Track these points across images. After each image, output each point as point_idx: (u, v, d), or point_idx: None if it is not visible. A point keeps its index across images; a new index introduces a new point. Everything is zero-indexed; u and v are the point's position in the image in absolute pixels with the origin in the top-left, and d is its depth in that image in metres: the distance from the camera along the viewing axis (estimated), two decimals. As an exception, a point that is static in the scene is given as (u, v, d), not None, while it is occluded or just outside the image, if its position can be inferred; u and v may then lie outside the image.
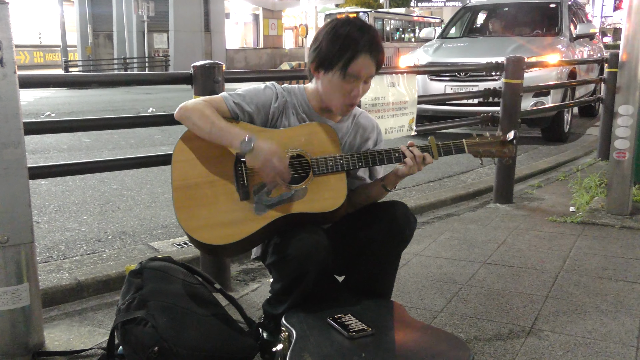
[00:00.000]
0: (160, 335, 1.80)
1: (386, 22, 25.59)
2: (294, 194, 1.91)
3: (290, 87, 2.11)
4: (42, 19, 32.04)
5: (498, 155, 2.06)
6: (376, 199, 2.09)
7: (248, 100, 2.01)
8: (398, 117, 3.65)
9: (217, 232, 1.89)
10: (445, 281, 2.86)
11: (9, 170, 1.96)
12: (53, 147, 6.91)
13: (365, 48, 1.89)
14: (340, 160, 1.95)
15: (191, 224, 1.91)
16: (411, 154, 1.95)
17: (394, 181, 2.01)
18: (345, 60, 1.89)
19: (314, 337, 1.77)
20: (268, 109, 2.03)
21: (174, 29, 24.70)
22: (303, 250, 1.84)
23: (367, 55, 1.90)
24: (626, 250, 3.30)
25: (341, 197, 1.92)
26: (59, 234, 3.80)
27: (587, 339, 2.27)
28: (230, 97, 2.01)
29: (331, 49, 1.91)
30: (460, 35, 8.88)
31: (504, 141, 2.06)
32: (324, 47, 1.92)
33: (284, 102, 2.05)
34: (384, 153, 1.99)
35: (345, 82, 1.93)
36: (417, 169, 1.96)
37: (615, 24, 38.79)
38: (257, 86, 2.08)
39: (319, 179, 1.94)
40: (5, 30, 1.88)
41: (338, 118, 2.11)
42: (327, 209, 1.91)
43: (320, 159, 1.95)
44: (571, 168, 5.64)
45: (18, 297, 2.04)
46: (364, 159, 1.98)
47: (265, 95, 2.04)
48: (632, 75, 3.80)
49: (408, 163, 1.94)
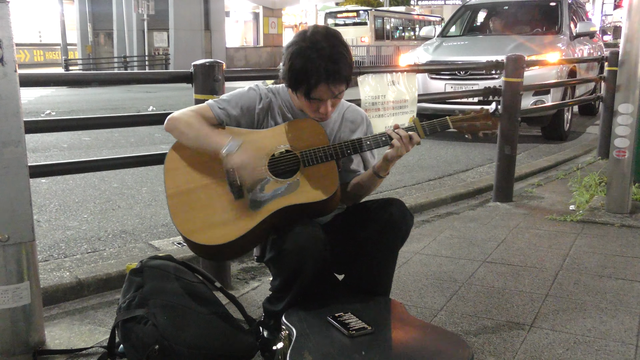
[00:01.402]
0: (161, 334, 1.81)
1: (386, 20, 25.59)
2: (287, 187, 1.93)
3: (275, 87, 2.14)
4: (42, 18, 32.01)
5: (482, 129, 2.08)
6: (371, 187, 2.10)
7: (233, 104, 2.06)
8: (398, 116, 3.65)
9: (214, 233, 1.90)
10: (445, 279, 2.86)
11: (10, 169, 1.96)
12: (53, 146, 6.91)
13: (322, 78, 1.89)
14: (329, 150, 1.97)
15: (188, 227, 1.93)
16: (397, 135, 1.96)
17: (385, 166, 2.02)
18: (305, 90, 1.93)
19: (314, 336, 1.78)
20: (253, 110, 2.07)
21: (174, 28, 24.69)
22: (299, 243, 1.85)
23: (325, 85, 1.90)
24: (626, 248, 3.31)
25: (333, 185, 1.93)
26: (59, 232, 3.80)
27: (587, 337, 2.28)
28: (216, 103, 2.06)
29: (291, 77, 1.94)
30: (461, 33, 8.88)
31: (486, 114, 2.07)
32: (287, 71, 1.95)
33: (268, 103, 2.09)
34: (370, 138, 2.01)
35: (312, 103, 1.97)
36: (405, 150, 1.97)
37: (615, 22, 38.76)
38: (241, 89, 2.11)
39: (310, 170, 1.96)
40: (6, 29, 1.88)
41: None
42: (320, 198, 1.92)
43: (309, 151, 1.97)
44: (571, 167, 5.65)
45: (19, 296, 2.04)
46: (351, 145, 1.99)
47: (249, 97, 2.08)
48: (632, 74, 3.81)
49: (395, 144, 1.95)
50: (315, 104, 1.97)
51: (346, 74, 1.93)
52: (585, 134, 7.96)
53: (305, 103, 1.98)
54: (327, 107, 1.98)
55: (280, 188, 1.93)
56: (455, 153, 6.74)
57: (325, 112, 1.99)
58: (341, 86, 1.95)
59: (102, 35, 27.95)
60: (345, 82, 1.96)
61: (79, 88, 15.97)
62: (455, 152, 6.79)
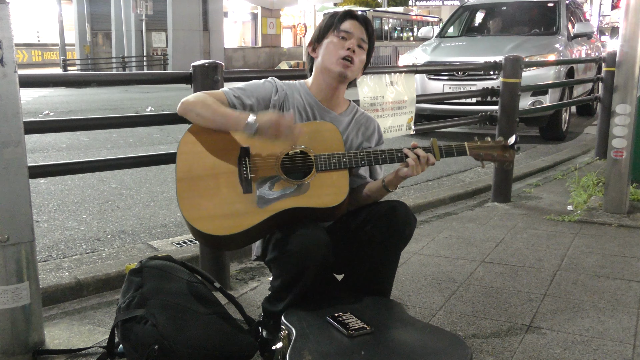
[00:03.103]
0: (161, 334, 1.81)
1: (384, 21, 25.60)
2: (296, 189, 1.93)
3: (290, 82, 2.20)
4: (40, 18, 31.97)
5: (499, 160, 2.08)
6: (377, 198, 2.11)
7: (249, 93, 2.08)
8: (397, 117, 3.66)
9: (218, 223, 1.90)
10: (443, 280, 2.87)
11: (9, 169, 1.96)
12: (52, 146, 6.91)
13: (349, 14, 2.12)
14: (343, 158, 1.98)
15: (193, 214, 1.92)
16: (415, 155, 1.97)
17: (395, 182, 2.03)
18: (336, 23, 2.10)
19: (314, 336, 1.78)
20: (268, 101, 2.09)
21: (173, 28, 24.69)
22: (303, 246, 1.85)
23: (354, 20, 2.10)
24: (623, 248, 3.32)
25: (343, 194, 1.94)
26: (58, 233, 3.80)
27: (585, 336, 2.29)
28: (231, 91, 2.07)
29: (321, 27, 2.15)
30: (459, 34, 8.89)
31: (505, 146, 2.07)
32: (318, 26, 2.17)
33: (284, 95, 2.11)
34: (386, 153, 2.01)
35: (340, 39, 2.08)
36: (420, 170, 1.98)
37: (613, 22, 38.79)
38: (257, 80, 2.15)
39: (322, 175, 1.96)
40: (6, 30, 1.89)
41: (339, 109, 2.18)
42: (328, 205, 1.92)
43: (323, 156, 1.97)
44: (569, 167, 5.66)
45: (18, 296, 2.05)
46: (366, 157, 2.00)
47: (265, 89, 2.11)
48: (629, 74, 3.82)
49: (411, 164, 1.96)
50: (343, 41, 2.07)
51: (369, 26, 2.14)
52: (583, 135, 7.98)
53: (333, 42, 2.07)
54: (354, 43, 2.07)
55: (289, 188, 1.93)
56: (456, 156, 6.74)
57: (352, 47, 2.07)
58: (365, 33, 2.10)
59: (101, 35, 27.92)
60: (368, 31, 2.12)
61: (77, 88, 15.96)
62: (454, 153, 6.78)
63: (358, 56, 2.08)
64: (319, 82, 2.14)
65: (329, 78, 2.10)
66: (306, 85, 2.17)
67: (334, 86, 2.12)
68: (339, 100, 2.18)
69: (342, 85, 2.14)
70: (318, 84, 2.14)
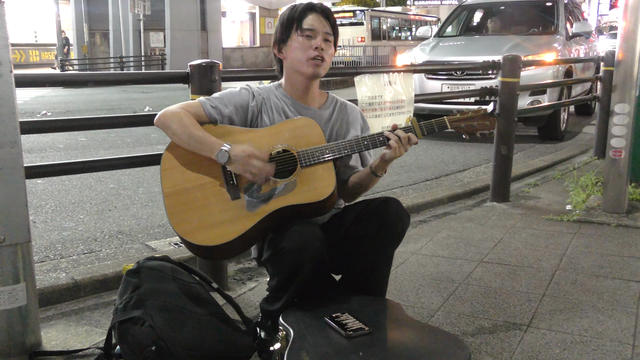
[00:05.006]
0: (158, 335, 1.80)
1: (382, 20, 25.58)
2: (283, 188, 1.93)
3: (264, 85, 2.18)
4: (37, 18, 31.92)
5: (480, 129, 2.08)
6: (368, 185, 2.11)
7: (225, 101, 2.06)
8: (395, 116, 3.65)
9: (210, 233, 1.90)
10: (442, 280, 2.86)
11: (6, 169, 1.95)
12: (49, 147, 6.89)
13: (308, 8, 2.05)
14: (326, 150, 1.97)
15: (184, 227, 1.92)
16: (395, 136, 1.97)
17: (382, 166, 2.02)
18: (297, 21, 2.04)
19: (312, 336, 1.77)
20: (246, 107, 2.08)
21: (170, 28, 24.64)
22: (297, 242, 1.85)
23: (313, 12, 2.04)
24: (622, 248, 3.31)
25: (330, 186, 1.94)
26: (55, 233, 3.79)
27: (584, 336, 2.28)
28: (208, 101, 2.06)
29: (282, 24, 2.08)
30: (457, 33, 8.88)
31: (484, 114, 2.08)
32: (278, 28, 2.11)
33: (261, 100, 2.11)
34: (368, 139, 2.01)
35: (305, 38, 2.03)
36: (403, 151, 1.98)
37: (611, 22, 38.84)
38: (233, 89, 2.13)
39: (307, 170, 1.96)
40: (1, 30, 1.88)
41: (317, 104, 2.17)
42: (317, 199, 1.92)
43: (306, 151, 1.97)
44: (567, 166, 5.65)
45: (15, 297, 2.03)
46: (349, 146, 2.00)
47: (242, 96, 2.10)
48: (628, 74, 3.81)
49: (393, 146, 1.96)
50: (308, 40, 2.02)
51: (331, 15, 2.07)
52: (582, 134, 7.98)
53: (299, 43, 2.03)
54: (319, 42, 2.03)
55: (277, 188, 1.93)
56: (452, 153, 6.75)
57: (318, 46, 2.02)
58: (328, 24, 2.05)
59: (98, 35, 27.86)
60: (331, 24, 2.06)
61: (75, 88, 15.93)
62: (452, 152, 6.79)
63: (327, 52, 2.07)
64: (292, 82, 2.13)
65: (301, 78, 2.10)
66: (280, 86, 2.16)
67: (307, 85, 2.12)
68: (314, 95, 2.18)
69: (315, 81, 2.14)
70: (291, 84, 2.13)
